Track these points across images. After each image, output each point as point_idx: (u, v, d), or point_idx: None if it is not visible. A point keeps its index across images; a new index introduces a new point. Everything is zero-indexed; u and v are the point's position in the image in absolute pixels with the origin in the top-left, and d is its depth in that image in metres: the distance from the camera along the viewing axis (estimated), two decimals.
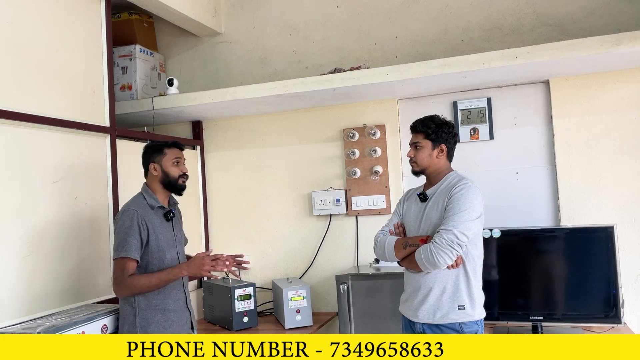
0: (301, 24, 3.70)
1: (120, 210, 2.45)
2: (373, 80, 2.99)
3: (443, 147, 2.41)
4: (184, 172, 2.53)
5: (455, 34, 3.36)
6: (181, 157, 2.54)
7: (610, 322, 2.72)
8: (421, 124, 2.44)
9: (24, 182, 2.41)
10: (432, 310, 2.29)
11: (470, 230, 2.21)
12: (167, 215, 2.50)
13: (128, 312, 2.38)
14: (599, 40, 2.61)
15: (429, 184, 2.47)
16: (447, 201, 2.28)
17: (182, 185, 2.53)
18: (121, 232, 2.35)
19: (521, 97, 3.21)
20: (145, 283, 2.33)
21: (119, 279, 2.32)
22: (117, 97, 3.46)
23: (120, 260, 2.32)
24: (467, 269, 2.28)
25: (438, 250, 2.19)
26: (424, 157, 2.42)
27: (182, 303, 2.51)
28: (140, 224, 2.36)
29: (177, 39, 3.95)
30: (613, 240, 2.70)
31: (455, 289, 2.27)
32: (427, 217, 2.36)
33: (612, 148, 3.03)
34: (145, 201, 2.46)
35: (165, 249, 2.44)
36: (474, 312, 2.28)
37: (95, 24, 2.90)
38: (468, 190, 2.27)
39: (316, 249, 3.57)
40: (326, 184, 3.57)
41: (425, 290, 2.31)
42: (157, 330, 2.39)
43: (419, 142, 2.43)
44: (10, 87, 2.39)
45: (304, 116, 3.62)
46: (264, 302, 3.55)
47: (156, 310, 2.39)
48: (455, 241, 2.18)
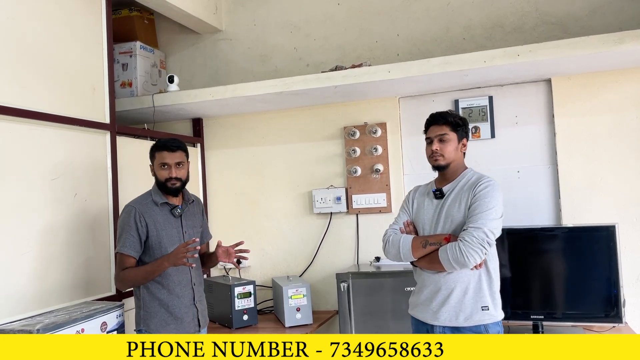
0: (302, 22, 3.69)
1: (124, 206, 2.52)
2: (374, 78, 2.98)
3: (465, 141, 2.32)
4: (171, 176, 2.45)
5: (456, 32, 3.35)
6: (169, 161, 2.46)
7: (611, 322, 2.71)
8: (446, 116, 2.29)
9: (23, 178, 2.40)
10: (455, 312, 2.18)
11: (497, 228, 2.14)
12: (174, 212, 2.52)
13: (135, 304, 2.50)
14: (601, 39, 2.60)
15: (444, 180, 2.33)
16: (472, 198, 2.18)
17: (170, 187, 2.48)
18: (119, 228, 2.46)
19: (523, 96, 3.20)
20: (133, 276, 2.41)
21: (116, 273, 2.48)
22: (118, 94, 3.45)
23: (118, 256, 2.44)
24: (489, 267, 2.20)
25: (468, 249, 2.08)
26: (451, 150, 2.27)
27: (189, 300, 2.52)
28: (138, 220, 2.41)
29: (178, 36, 3.95)
30: (614, 240, 2.69)
31: (477, 288, 2.17)
32: (448, 215, 2.24)
33: (613, 147, 3.02)
34: (151, 197, 2.51)
35: (168, 245, 2.45)
36: (496, 313, 2.19)
37: (96, 20, 2.89)
38: (493, 188, 2.19)
39: (316, 247, 3.56)
40: (327, 182, 3.56)
41: (446, 291, 2.19)
42: (159, 325, 2.43)
43: (446, 134, 2.27)
44: (10, 83, 2.38)
45: (304, 114, 3.62)
46: (264, 300, 3.55)
47: (159, 305, 2.44)
48: (485, 239, 2.08)
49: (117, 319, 2.46)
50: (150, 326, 2.43)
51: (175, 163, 2.48)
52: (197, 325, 2.55)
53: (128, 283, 2.47)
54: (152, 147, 2.54)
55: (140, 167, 2.54)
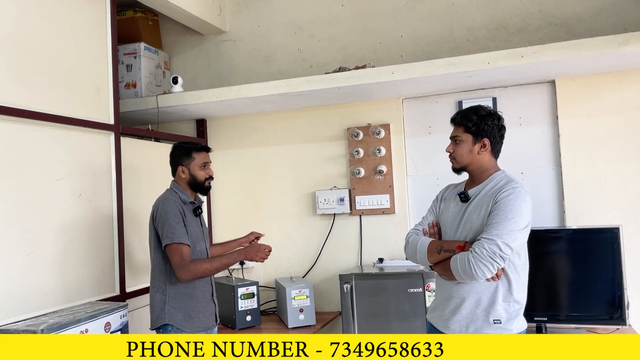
0: (306, 23, 3.69)
1: (159, 201, 2.54)
2: (378, 79, 2.98)
3: (486, 141, 2.14)
4: (210, 174, 2.64)
5: (460, 33, 3.34)
6: (208, 160, 2.65)
7: (615, 324, 2.70)
8: (461, 115, 2.17)
9: (28, 179, 2.41)
10: (465, 323, 2.06)
11: (515, 241, 1.96)
12: (196, 211, 2.61)
13: (159, 299, 2.49)
14: (605, 40, 2.60)
15: (472, 182, 2.20)
16: (492, 206, 2.03)
17: (208, 186, 2.65)
18: (169, 219, 2.45)
19: (527, 97, 3.20)
20: (207, 267, 2.46)
21: (181, 264, 2.41)
22: (122, 94, 3.46)
23: (175, 246, 2.42)
24: (510, 279, 2.04)
25: (477, 262, 1.94)
26: (463, 152, 2.15)
27: (209, 295, 2.61)
28: (182, 213, 2.50)
29: (182, 37, 3.95)
30: (618, 242, 2.68)
31: (491, 301, 2.03)
32: (467, 221, 2.11)
33: (618, 148, 3.01)
34: (178, 196, 2.56)
35: (196, 241, 2.55)
36: (511, 326, 2.04)
37: (100, 21, 2.90)
38: (517, 195, 2.01)
39: (320, 248, 3.56)
40: (330, 183, 3.56)
41: (457, 300, 2.08)
42: (184, 319, 2.48)
43: (458, 136, 2.16)
44: (14, 84, 2.39)
45: (308, 115, 3.62)
46: (267, 301, 3.55)
47: (184, 299, 2.49)
48: (497, 253, 1.92)
49: (121, 320, 2.47)
50: (176, 320, 2.46)
51: (210, 163, 2.68)
52: (215, 320, 2.63)
53: (199, 273, 2.45)
54: (187, 149, 2.61)
55: (145, 167, 2.55)
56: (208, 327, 2.58)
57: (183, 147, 2.64)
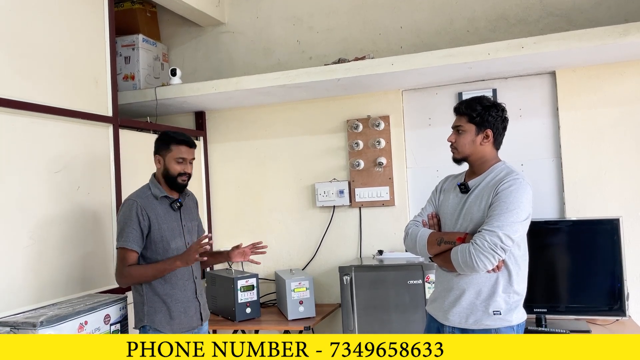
0: (305, 14, 3.67)
1: (124, 200, 2.47)
2: (377, 70, 2.96)
3: (489, 132, 2.12)
4: (185, 171, 2.48)
5: (460, 24, 3.33)
6: (187, 157, 2.48)
7: (615, 315, 2.70)
8: (465, 105, 2.15)
9: (26, 171, 2.40)
10: (465, 314, 2.06)
11: (516, 233, 1.97)
12: (173, 205, 2.51)
13: (138, 300, 2.45)
14: (606, 31, 2.58)
15: (472, 173, 2.19)
16: (493, 197, 2.02)
17: (181, 183, 2.49)
18: (120, 222, 2.41)
19: (527, 88, 3.18)
20: (142, 273, 2.39)
21: (119, 269, 2.40)
22: (120, 87, 3.45)
23: (120, 251, 2.39)
24: (510, 271, 2.04)
25: (478, 253, 1.94)
26: (465, 142, 2.13)
27: (191, 293, 2.51)
28: (140, 214, 2.39)
29: (180, 29, 3.93)
30: (618, 233, 2.67)
31: (491, 292, 2.03)
32: (468, 212, 2.10)
33: (618, 140, 3.01)
34: (150, 191, 2.48)
35: (170, 239, 2.45)
36: (511, 317, 2.04)
37: (98, 13, 2.88)
38: (518, 186, 2.01)
39: (319, 240, 3.56)
40: (329, 175, 3.55)
41: (457, 292, 2.08)
42: (163, 320, 2.41)
43: (461, 125, 2.14)
44: (12, 76, 2.38)
45: (307, 107, 3.61)
46: (266, 294, 3.55)
47: (162, 300, 2.42)
48: (498, 244, 1.93)
49: (120, 312, 2.47)
50: (155, 321, 2.40)
51: (190, 159, 2.51)
52: (200, 319, 2.55)
53: (134, 280, 2.41)
54: (167, 139, 2.48)
55: (143, 160, 2.54)
56: (192, 327, 2.50)
57: (165, 136, 2.51)
